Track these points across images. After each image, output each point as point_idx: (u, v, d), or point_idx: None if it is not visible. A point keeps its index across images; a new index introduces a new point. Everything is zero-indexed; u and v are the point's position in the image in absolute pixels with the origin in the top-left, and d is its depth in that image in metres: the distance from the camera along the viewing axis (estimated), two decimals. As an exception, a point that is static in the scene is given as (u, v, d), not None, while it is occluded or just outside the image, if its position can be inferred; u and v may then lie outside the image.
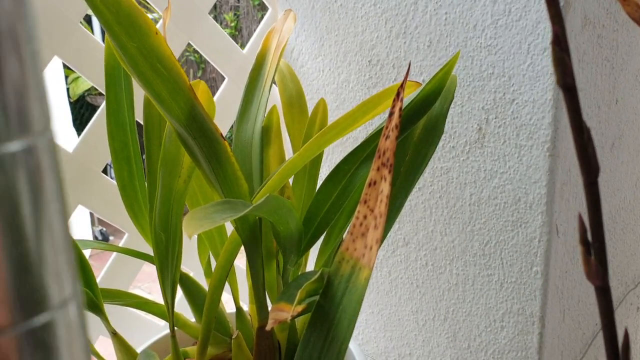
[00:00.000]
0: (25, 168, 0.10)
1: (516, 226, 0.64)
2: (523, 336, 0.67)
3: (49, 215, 0.10)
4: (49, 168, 0.10)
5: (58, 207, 0.11)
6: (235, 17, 3.87)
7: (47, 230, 0.10)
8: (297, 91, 0.67)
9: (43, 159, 0.10)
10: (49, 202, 0.10)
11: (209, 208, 0.36)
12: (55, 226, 0.10)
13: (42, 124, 0.10)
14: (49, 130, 0.10)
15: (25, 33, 0.09)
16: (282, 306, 0.35)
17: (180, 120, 0.42)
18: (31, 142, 0.10)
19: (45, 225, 0.10)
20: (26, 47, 0.09)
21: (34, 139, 0.10)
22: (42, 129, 0.10)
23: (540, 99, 0.59)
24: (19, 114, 0.10)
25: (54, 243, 0.10)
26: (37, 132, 0.10)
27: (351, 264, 0.36)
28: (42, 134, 0.10)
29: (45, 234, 0.10)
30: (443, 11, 0.64)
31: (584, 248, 0.22)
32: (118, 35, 0.36)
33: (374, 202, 0.37)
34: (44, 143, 0.10)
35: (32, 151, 0.10)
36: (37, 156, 0.10)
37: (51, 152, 0.10)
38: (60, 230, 0.11)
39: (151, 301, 0.61)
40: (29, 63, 0.10)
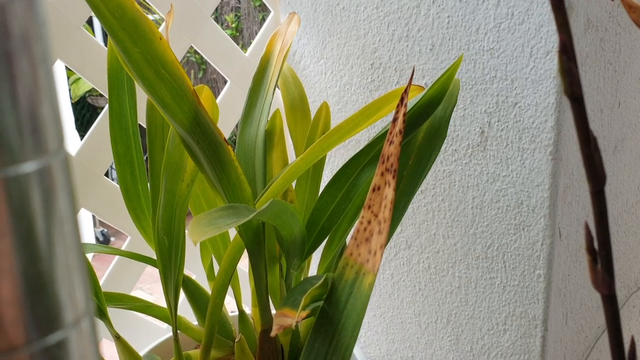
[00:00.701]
0: (40, 188, 0.10)
1: (519, 229, 0.64)
2: (526, 339, 0.67)
3: (63, 234, 0.10)
4: (63, 187, 0.10)
5: (72, 226, 0.11)
6: (236, 18, 3.88)
7: (61, 249, 0.10)
8: (299, 94, 0.67)
9: (57, 178, 0.10)
10: (63, 221, 0.10)
11: (213, 213, 0.36)
12: (69, 245, 0.11)
13: (56, 144, 0.10)
14: (63, 149, 0.10)
15: (40, 51, 0.09)
16: (286, 312, 0.35)
17: (184, 125, 0.42)
18: (46, 163, 0.10)
19: (60, 245, 0.10)
20: (41, 66, 0.09)
21: (48, 159, 0.10)
22: (57, 149, 0.10)
23: (543, 102, 0.59)
24: (33, 134, 0.10)
25: (67, 262, 0.10)
26: (51, 152, 0.10)
27: (355, 269, 0.36)
28: (56, 154, 0.10)
29: (59, 253, 0.10)
30: (445, 14, 0.64)
31: (591, 256, 0.22)
32: (122, 41, 0.36)
33: (378, 208, 0.37)
34: (58, 162, 0.10)
35: (46, 171, 0.10)
36: (52, 176, 0.10)
37: (65, 171, 0.10)
38: (74, 249, 0.11)
39: (154, 305, 0.61)
40: (44, 82, 0.10)
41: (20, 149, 0.09)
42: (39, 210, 0.10)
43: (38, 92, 0.10)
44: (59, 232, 0.10)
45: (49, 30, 0.10)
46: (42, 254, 0.10)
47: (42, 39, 0.10)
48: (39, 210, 0.10)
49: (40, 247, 0.10)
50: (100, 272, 0.79)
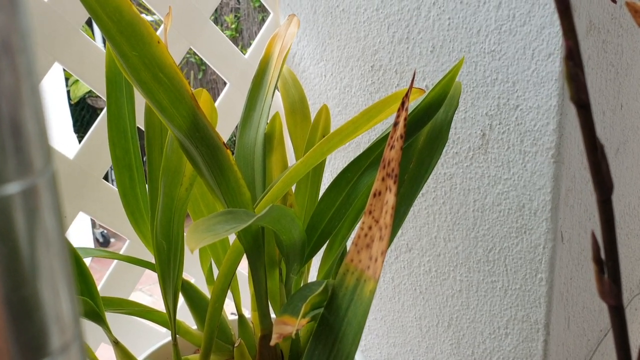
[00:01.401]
0: (24, 209, 0.09)
1: (520, 233, 0.64)
2: (528, 343, 0.67)
3: (50, 256, 0.10)
4: (49, 207, 0.10)
5: (59, 247, 0.10)
6: (236, 19, 3.87)
7: (47, 272, 0.10)
8: (299, 97, 0.66)
9: (43, 198, 0.10)
10: (50, 243, 0.10)
11: (211, 219, 0.35)
12: (56, 267, 0.10)
13: (42, 162, 0.10)
14: (49, 168, 0.10)
15: (24, 64, 0.09)
16: (286, 319, 0.35)
17: (182, 129, 0.42)
18: (31, 183, 0.09)
19: (46, 268, 0.10)
20: (25, 80, 0.09)
21: (34, 178, 0.09)
22: (42, 167, 0.10)
23: (544, 105, 0.59)
24: (17, 153, 0.09)
25: (54, 285, 0.10)
26: (37, 171, 0.09)
27: (356, 276, 0.36)
28: (42, 173, 0.09)
29: (45, 277, 0.10)
30: (446, 16, 0.63)
31: (598, 266, 0.22)
32: (120, 45, 0.35)
33: (379, 213, 0.36)
34: (44, 182, 0.10)
35: (32, 192, 0.09)
36: (37, 196, 0.10)
37: (52, 190, 0.10)
38: (61, 272, 0.10)
39: (153, 309, 0.60)
40: (28, 98, 0.09)
41: (3, 169, 0.09)
42: (24, 233, 0.09)
43: (22, 108, 0.09)
44: (44, 254, 0.10)
45: (34, 42, 0.09)
46: (27, 278, 0.09)
47: (27, 52, 0.09)
48: (23, 233, 0.09)
49: (24, 271, 0.09)
50: (99, 274, 0.79)
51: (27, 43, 0.09)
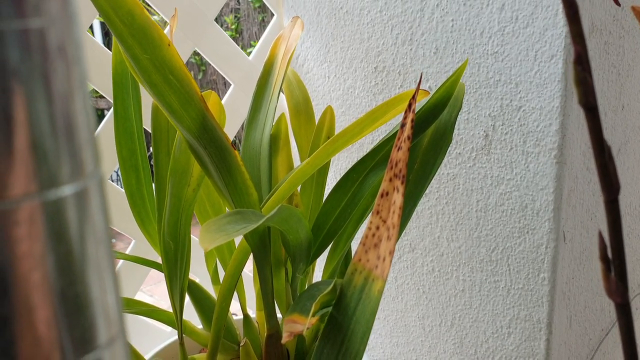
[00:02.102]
0: (77, 211, 0.10)
1: (523, 233, 0.64)
2: (530, 342, 0.67)
3: (99, 255, 0.10)
4: (98, 208, 0.10)
5: (106, 247, 0.11)
6: (236, 20, 3.88)
7: (96, 271, 0.10)
8: (304, 98, 0.67)
9: (93, 200, 0.10)
10: (99, 243, 0.10)
11: (221, 219, 0.36)
12: (104, 266, 0.11)
13: (92, 165, 0.10)
14: (98, 171, 0.10)
15: (78, 73, 0.09)
16: (296, 318, 0.35)
17: (192, 131, 0.42)
18: (83, 185, 0.10)
19: (96, 266, 0.10)
20: (79, 89, 0.09)
21: (85, 181, 0.10)
22: (93, 171, 0.10)
23: (547, 106, 0.59)
24: (71, 157, 0.10)
25: (103, 283, 0.11)
26: (88, 174, 0.10)
27: (364, 275, 0.36)
28: (92, 176, 0.10)
29: (95, 274, 0.10)
30: (449, 18, 0.64)
31: (605, 265, 0.23)
32: (131, 47, 0.36)
33: (386, 213, 0.37)
34: (95, 184, 0.10)
35: (84, 194, 0.10)
36: (89, 198, 0.10)
37: (100, 192, 0.10)
38: (108, 270, 0.11)
39: (159, 309, 0.61)
40: (81, 106, 0.10)
41: (59, 172, 0.09)
42: (77, 233, 0.10)
43: (76, 115, 0.10)
44: (94, 253, 0.10)
45: (85, 53, 0.10)
46: (80, 275, 0.10)
47: (80, 59, 0.10)
48: (76, 233, 0.10)
49: (78, 269, 0.10)
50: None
51: (80, 51, 0.10)
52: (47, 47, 0.09)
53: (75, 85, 0.10)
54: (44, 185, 0.09)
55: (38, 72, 0.09)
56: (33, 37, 0.09)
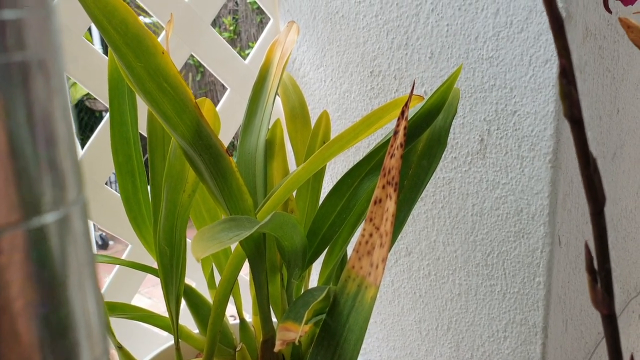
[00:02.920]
0: (60, 237, 0.10)
1: (518, 237, 0.64)
2: (526, 346, 0.67)
3: (83, 279, 0.11)
4: (82, 233, 0.11)
5: (90, 269, 0.11)
6: (234, 21, 3.88)
7: (80, 294, 0.11)
8: (299, 103, 0.67)
9: (77, 225, 0.10)
10: (82, 266, 0.11)
11: (215, 227, 0.36)
12: (88, 289, 0.11)
13: (75, 192, 0.10)
14: (81, 197, 0.10)
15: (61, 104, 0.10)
16: (289, 326, 0.36)
17: (186, 138, 0.42)
18: (66, 212, 0.10)
19: (79, 290, 0.11)
20: (62, 118, 0.10)
21: (68, 208, 0.10)
22: (76, 197, 0.10)
23: (542, 110, 0.59)
24: (54, 185, 0.10)
25: (86, 305, 0.11)
26: (71, 201, 0.10)
27: (357, 282, 0.36)
28: (75, 202, 0.10)
29: (78, 298, 0.10)
30: (444, 23, 0.64)
31: (591, 276, 0.23)
32: (125, 56, 0.36)
33: (379, 220, 0.37)
34: (78, 210, 0.10)
35: (66, 220, 0.10)
36: (72, 224, 0.10)
37: (83, 217, 0.11)
38: (92, 293, 0.11)
39: (156, 314, 0.61)
40: (64, 133, 0.10)
41: (42, 200, 0.10)
42: (60, 258, 0.10)
43: (59, 143, 0.10)
44: (78, 277, 0.10)
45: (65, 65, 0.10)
46: (63, 300, 0.10)
47: (62, 90, 0.10)
48: (59, 258, 0.10)
49: (61, 293, 0.10)
50: (100, 278, 0.79)
51: (63, 81, 0.10)
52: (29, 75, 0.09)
53: (58, 112, 0.10)
54: (27, 214, 0.09)
55: (20, 99, 0.09)
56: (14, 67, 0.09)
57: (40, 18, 0.09)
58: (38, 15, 0.09)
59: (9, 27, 0.09)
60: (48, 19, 0.10)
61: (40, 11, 0.09)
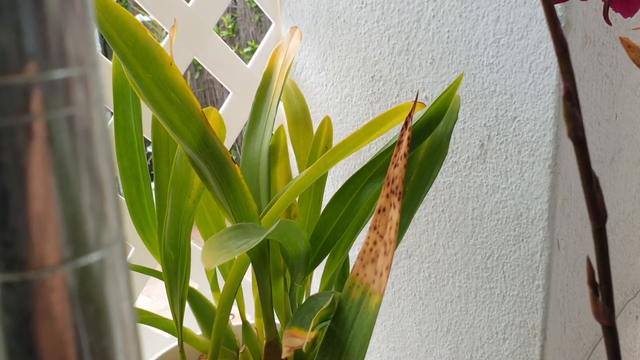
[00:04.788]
0: (103, 274, 0.11)
1: (518, 240, 0.65)
2: (525, 348, 0.68)
3: (123, 311, 0.11)
4: (122, 269, 0.11)
5: (129, 303, 0.12)
6: (233, 19, 3.88)
7: (120, 325, 0.11)
8: (302, 108, 0.68)
9: (117, 263, 0.11)
10: (123, 300, 0.11)
11: (223, 235, 0.37)
12: (128, 321, 0.12)
13: (116, 232, 0.11)
14: (121, 235, 0.11)
15: (104, 149, 0.10)
16: (295, 332, 0.36)
17: (193, 146, 0.43)
18: (108, 251, 0.11)
19: (119, 321, 0.11)
20: (106, 163, 0.10)
21: (110, 247, 0.11)
22: (116, 236, 0.11)
23: (542, 116, 0.60)
24: (98, 227, 0.11)
25: (126, 335, 0.11)
26: (113, 241, 0.11)
27: (362, 290, 0.37)
28: (116, 241, 0.11)
29: (119, 329, 0.11)
30: (445, 29, 0.65)
31: (592, 289, 0.23)
32: (134, 67, 0.37)
33: (383, 229, 0.38)
34: (118, 248, 0.11)
35: (109, 259, 0.11)
36: (113, 262, 0.11)
37: (123, 255, 0.11)
38: (131, 324, 0.12)
39: (160, 316, 0.62)
40: (107, 178, 0.10)
41: (88, 241, 0.10)
42: (103, 293, 0.11)
43: (102, 190, 0.10)
44: (118, 310, 0.11)
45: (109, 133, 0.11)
46: (106, 331, 0.11)
47: (106, 140, 0.10)
48: (102, 293, 0.11)
49: (104, 325, 0.11)
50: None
51: (107, 135, 0.11)
52: (76, 131, 0.10)
53: (102, 160, 0.10)
54: (74, 254, 0.10)
55: (69, 148, 0.10)
56: (65, 123, 0.10)
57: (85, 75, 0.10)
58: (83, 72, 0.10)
59: (59, 85, 0.10)
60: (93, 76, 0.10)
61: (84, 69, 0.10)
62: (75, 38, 0.10)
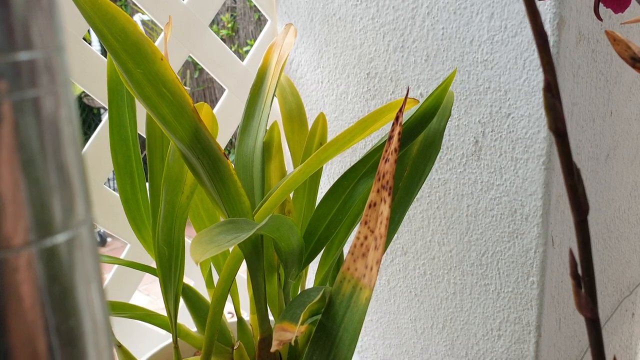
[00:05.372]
0: (69, 255, 0.11)
1: (512, 237, 0.65)
2: (520, 345, 0.68)
3: (90, 292, 0.12)
4: (89, 250, 0.11)
5: (97, 283, 0.12)
6: (232, 18, 3.88)
7: (87, 306, 0.11)
8: (297, 104, 0.68)
9: (85, 244, 0.11)
10: (90, 281, 0.11)
11: (213, 230, 0.37)
12: (95, 301, 0.12)
13: (84, 213, 0.11)
14: (89, 217, 0.11)
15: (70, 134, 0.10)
16: (285, 326, 0.36)
17: (184, 141, 0.43)
18: (75, 232, 0.11)
19: (87, 302, 0.11)
20: (71, 147, 0.11)
21: (77, 228, 0.11)
22: (84, 218, 0.11)
23: (535, 113, 0.60)
24: (65, 208, 0.11)
25: (93, 316, 0.12)
26: (80, 222, 0.11)
27: (352, 284, 0.37)
28: (84, 223, 0.11)
29: (86, 309, 0.11)
30: (440, 26, 0.65)
31: (575, 281, 0.24)
32: (125, 62, 0.37)
33: (374, 224, 0.38)
34: (86, 230, 0.11)
35: (76, 239, 0.11)
36: (80, 243, 0.11)
37: (91, 236, 0.11)
38: (99, 305, 0.12)
39: (154, 313, 0.62)
40: (74, 162, 0.11)
41: (54, 222, 0.11)
42: (69, 274, 0.11)
43: (68, 171, 0.11)
44: (86, 290, 0.11)
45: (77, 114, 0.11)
46: (73, 311, 0.11)
47: (72, 122, 0.11)
48: (69, 274, 0.11)
49: (70, 306, 0.11)
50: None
51: (73, 113, 0.11)
52: (42, 114, 0.10)
53: (68, 140, 0.11)
54: (40, 235, 0.10)
55: (33, 129, 0.10)
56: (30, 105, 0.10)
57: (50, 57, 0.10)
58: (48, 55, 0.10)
59: (24, 67, 0.10)
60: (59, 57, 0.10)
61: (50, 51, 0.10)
62: (39, 21, 0.10)
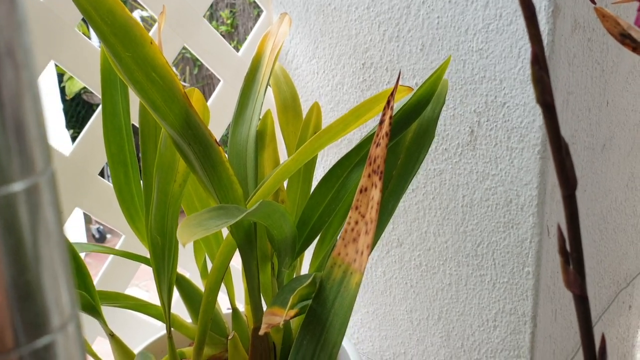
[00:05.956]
0: (27, 205, 0.11)
1: (508, 227, 0.65)
2: (515, 335, 0.68)
3: (50, 246, 0.11)
4: (49, 203, 0.11)
5: (57, 239, 0.11)
6: (232, 15, 3.88)
7: (48, 260, 0.11)
8: (291, 94, 0.68)
9: (44, 195, 0.11)
10: (50, 235, 0.11)
11: (203, 214, 0.37)
12: (55, 257, 0.11)
13: (43, 163, 0.11)
14: (49, 168, 0.11)
15: (27, 80, 0.10)
16: (275, 310, 0.36)
17: (175, 127, 0.43)
18: (33, 181, 0.11)
19: (47, 256, 0.11)
20: (29, 92, 0.10)
21: (36, 178, 0.11)
22: (44, 168, 0.11)
23: (531, 102, 0.60)
24: (21, 155, 0.10)
25: (54, 271, 0.11)
26: (39, 172, 0.11)
27: (343, 269, 0.37)
28: (43, 173, 0.11)
29: (46, 264, 0.11)
30: (435, 15, 0.64)
31: (563, 258, 0.23)
32: (113, 46, 0.37)
33: (365, 208, 0.38)
34: (45, 180, 0.11)
35: (34, 190, 0.11)
36: (39, 194, 0.11)
37: (51, 188, 0.11)
38: (60, 259, 0.11)
39: (148, 303, 0.61)
40: (30, 105, 0.10)
41: (9, 170, 0.10)
42: (27, 226, 0.11)
43: (26, 116, 0.10)
44: (45, 244, 0.11)
45: (33, 45, 0.11)
46: (30, 264, 0.11)
47: (29, 66, 0.10)
48: (26, 226, 0.11)
49: (28, 258, 0.11)
50: (95, 269, 0.80)
51: (29, 56, 0.10)
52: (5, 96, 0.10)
53: (25, 88, 0.10)
54: (-8, 182, 0.10)
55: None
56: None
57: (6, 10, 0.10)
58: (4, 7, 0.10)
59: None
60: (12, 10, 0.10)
61: None
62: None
